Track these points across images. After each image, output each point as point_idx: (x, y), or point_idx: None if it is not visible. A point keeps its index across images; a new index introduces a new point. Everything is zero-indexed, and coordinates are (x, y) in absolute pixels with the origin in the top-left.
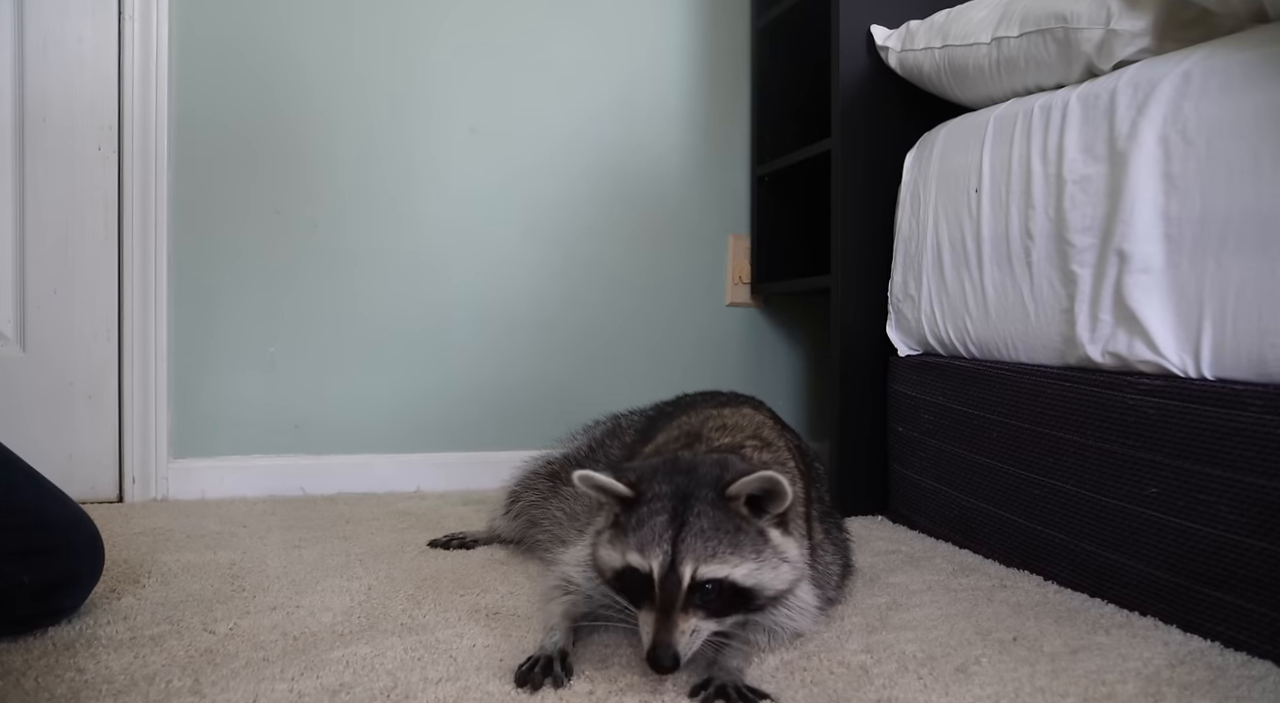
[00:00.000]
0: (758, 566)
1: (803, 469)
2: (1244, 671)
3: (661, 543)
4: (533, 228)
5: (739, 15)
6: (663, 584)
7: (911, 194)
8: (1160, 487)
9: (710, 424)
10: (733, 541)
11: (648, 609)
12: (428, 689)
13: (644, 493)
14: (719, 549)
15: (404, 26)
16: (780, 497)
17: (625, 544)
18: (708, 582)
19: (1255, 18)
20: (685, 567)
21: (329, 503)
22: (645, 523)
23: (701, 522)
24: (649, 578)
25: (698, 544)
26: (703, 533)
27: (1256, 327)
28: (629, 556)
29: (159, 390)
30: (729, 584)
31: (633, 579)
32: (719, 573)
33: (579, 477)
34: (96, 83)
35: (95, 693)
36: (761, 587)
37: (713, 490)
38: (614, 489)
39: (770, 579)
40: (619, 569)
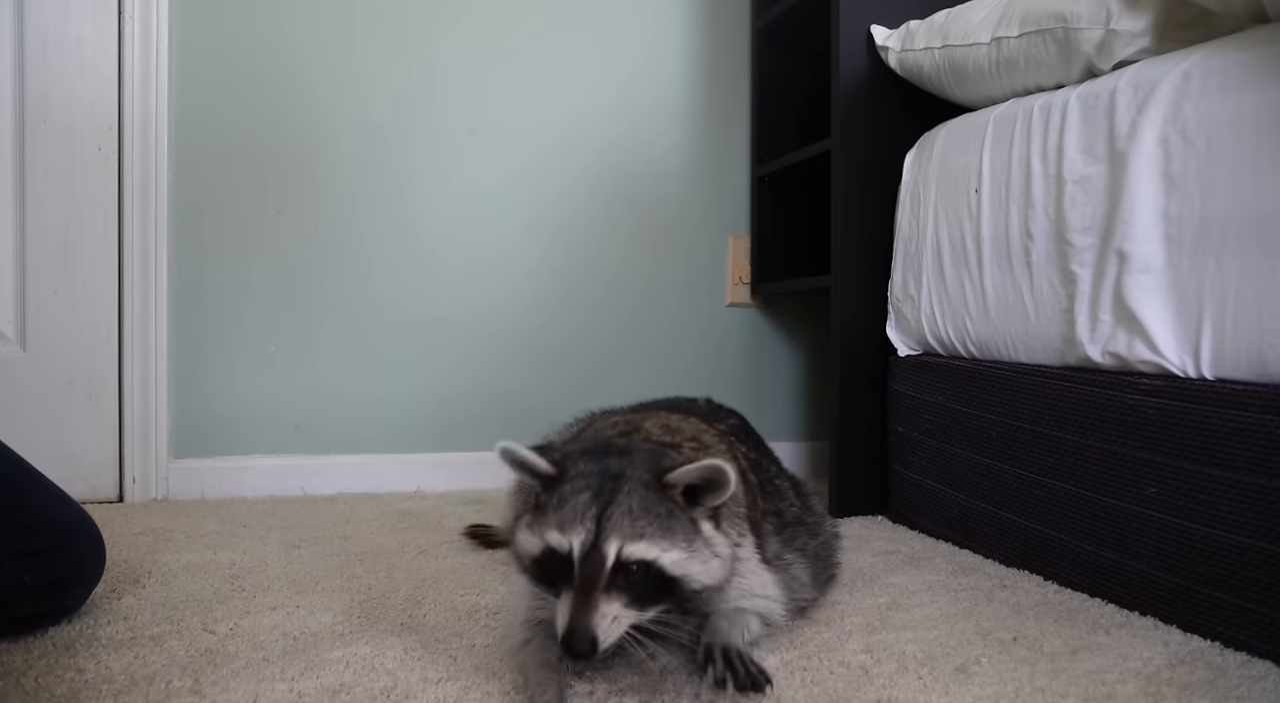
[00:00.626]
0: (688, 554)
1: (751, 482)
2: (1244, 671)
3: (584, 520)
4: (533, 228)
5: (739, 15)
6: (583, 563)
7: (911, 194)
8: (1160, 487)
9: (651, 422)
10: (664, 524)
11: (566, 591)
12: (428, 689)
13: (567, 471)
14: (648, 530)
15: (404, 27)
16: (722, 487)
17: (545, 524)
18: (633, 563)
19: (1255, 18)
20: (609, 544)
21: (329, 503)
22: (568, 501)
23: (631, 501)
24: (568, 558)
25: (625, 522)
26: (631, 512)
27: (1256, 327)
28: (548, 535)
29: (159, 390)
30: (656, 569)
31: (552, 562)
32: (647, 555)
33: (500, 449)
34: (96, 83)
35: (95, 693)
36: (689, 577)
37: (648, 472)
38: (534, 465)
39: (699, 571)
40: (537, 555)
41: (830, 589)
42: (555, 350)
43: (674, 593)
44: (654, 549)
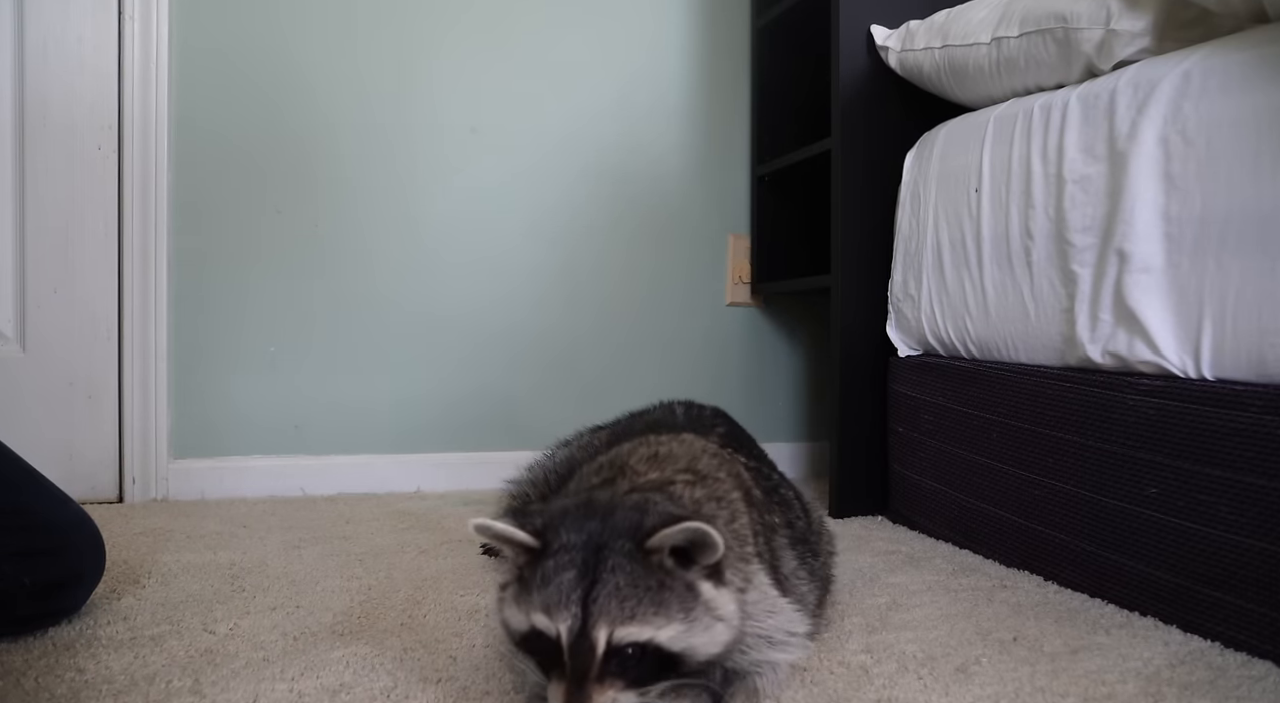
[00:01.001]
0: (686, 626)
1: (757, 498)
2: (1244, 671)
3: (570, 604)
4: (533, 228)
5: (739, 15)
6: (573, 651)
7: (911, 194)
8: (1160, 487)
9: (638, 455)
10: (655, 598)
11: (558, 680)
12: (427, 689)
13: (550, 543)
14: (638, 609)
15: (405, 27)
16: (710, 548)
17: (530, 603)
18: (628, 646)
19: (1255, 18)
20: (599, 630)
21: (329, 503)
22: (551, 579)
23: (617, 577)
24: (557, 644)
25: (612, 605)
26: (618, 591)
27: (1256, 327)
28: (534, 616)
29: (159, 390)
30: (653, 648)
31: (540, 644)
32: (640, 636)
33: (474, 526)
34: (96, 83)
35: (95, 693)
36: (692, 651)
37: (630, 541)
38: (515, 538)
39: (703, 642)
40: (525, 632)
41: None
42: (555, 350)
43: (677, 669)
44: (648, 629)
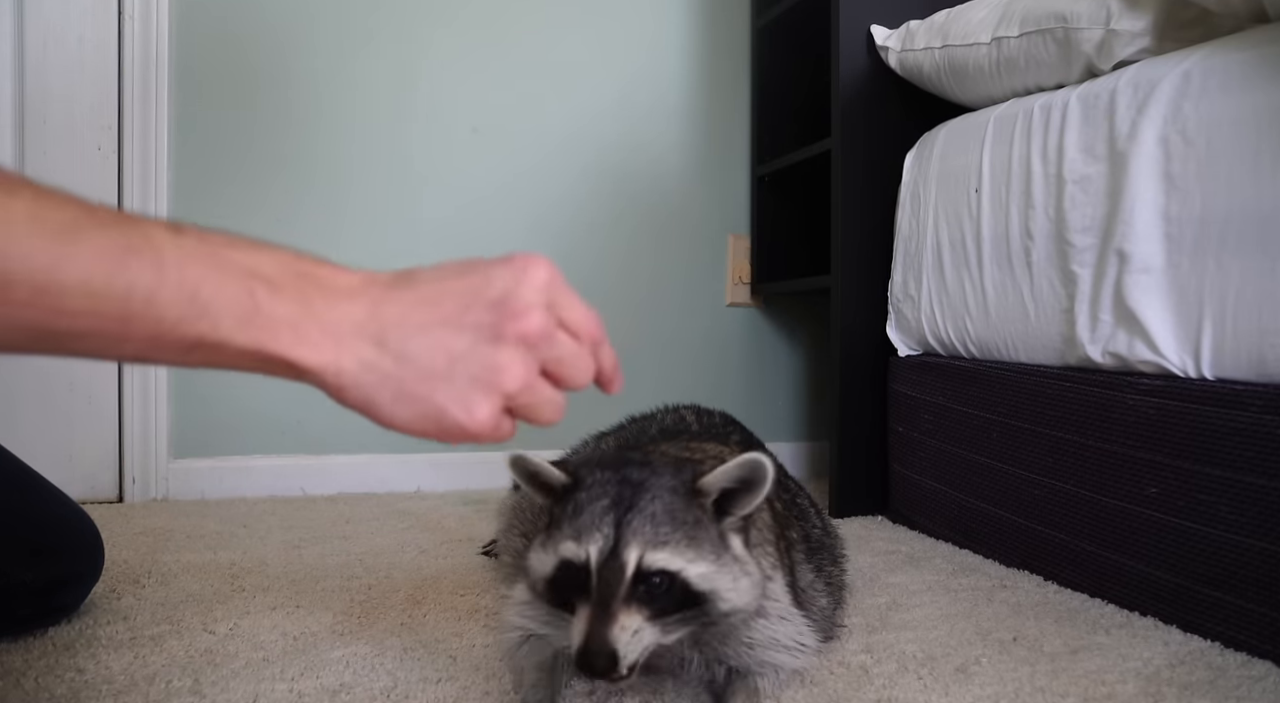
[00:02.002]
0: (716, 568)
1: (778, 510)
2: (1244, 671)
3: (602, 526)
4: (533, 227)
5: (739, 14)
6: (601, 571)
7: (911, 194)
8: (1160, 487)
9: (668, 447)
10: (690, 533)
11: (582, 604)
12: (427, 689)
13: (584, 479)
14: (672, 537)
15: (406, 28)
16: (758, 485)
17: (559, 537)
18: (656, 574)
19: (1255, 18)
20: (630, 551)
21: (329, 503)
22: (584, 508)
23: (654, 506)
24: (585, 568)
25: (646, 528)
26: (654, 518)
27: (1256, 327)
28: (562, 546)
29: (159, 390)
30: (680, 582)
31: (567, 577)
32: (671, 565)
33: (510, 458)
34: (96, 83)
35: (95, 693)
36: (717, 593)
37: (674, 478)
38: (547, 474)
39: (728, 589)
40: (550, 573)
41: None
42: None
43: (701, 611)
44: (678, 559)
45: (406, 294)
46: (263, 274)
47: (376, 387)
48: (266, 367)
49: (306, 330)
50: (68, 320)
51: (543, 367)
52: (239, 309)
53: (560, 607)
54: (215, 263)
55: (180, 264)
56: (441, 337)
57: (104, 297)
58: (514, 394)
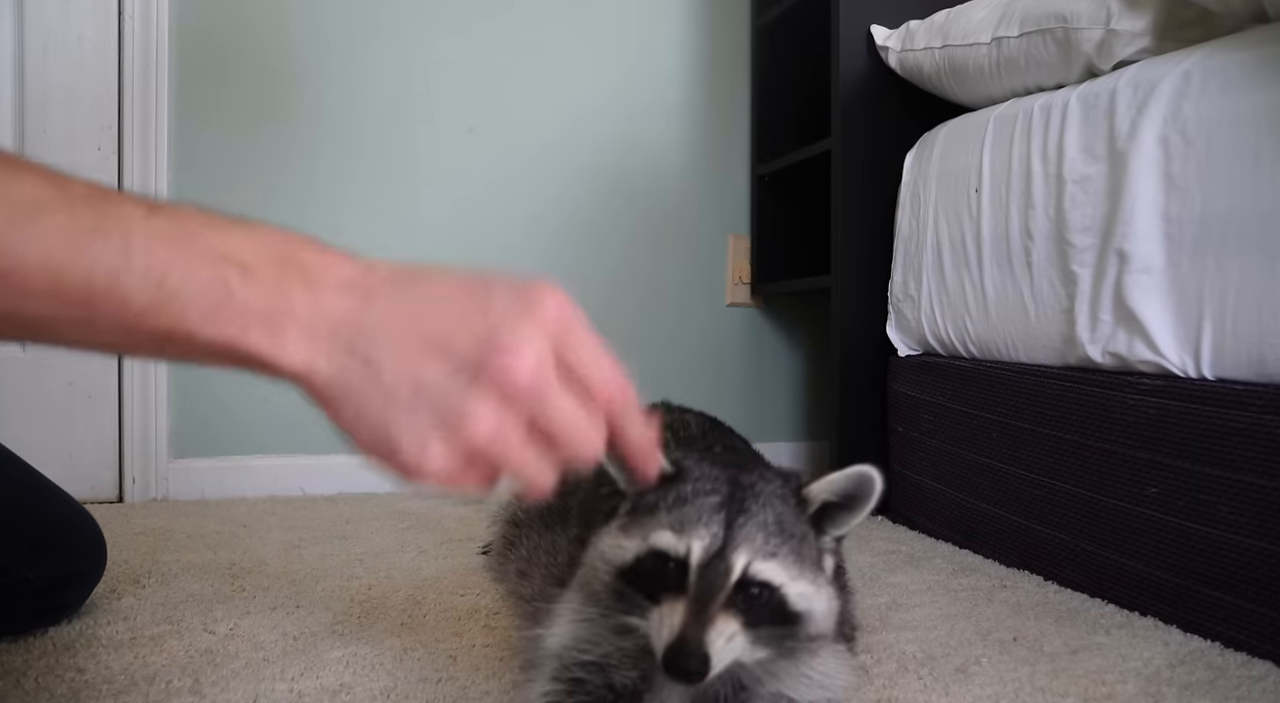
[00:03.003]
0: (814, 589)
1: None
2: (1244, 671)
3: (710, 524)
4: (532, 228)
5: (739, 14)
6: (703, 571)
7: (911, 194)
8: (1160, 487)
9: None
10: (796, 548)
11: (673, 601)
12: (427, 689)
13: (689, 471)
14: (780, 550)
15: (404, 27)
16: (864, 502)
17: (652, 524)
18: (759, 585)
19: (1255, 18)
20: (739, 556)
21: (329, 503)
22: (690, 501)
23: (767, 513)
24: (683, 563)
25: (758, 535)
26: (765, 526)
27: (1256, 327)
28: (655, 536)
29: (159, 390)
30: (780, 598)
31: (654, 569)
32: (775, 578)
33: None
34: (97, 83)
35: (95, 693)
36: (811, 616)
37: (783, 487)
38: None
39: (822, 612)
40: (631, 561)
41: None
42: None
43: (789, 632)
44: (783, 574)
45: (399, 296)
46: (239, 259)
47: (344, 398)
48: (241, 363)
49: (280, 325)
50: (33, 303)
51: (534, 423)
52: (208, 298)
53: (626, 600)
54: (187, 246)
55: (148, 246)
56: (414, 359)
57: (66, 279)
58: (480, 447)
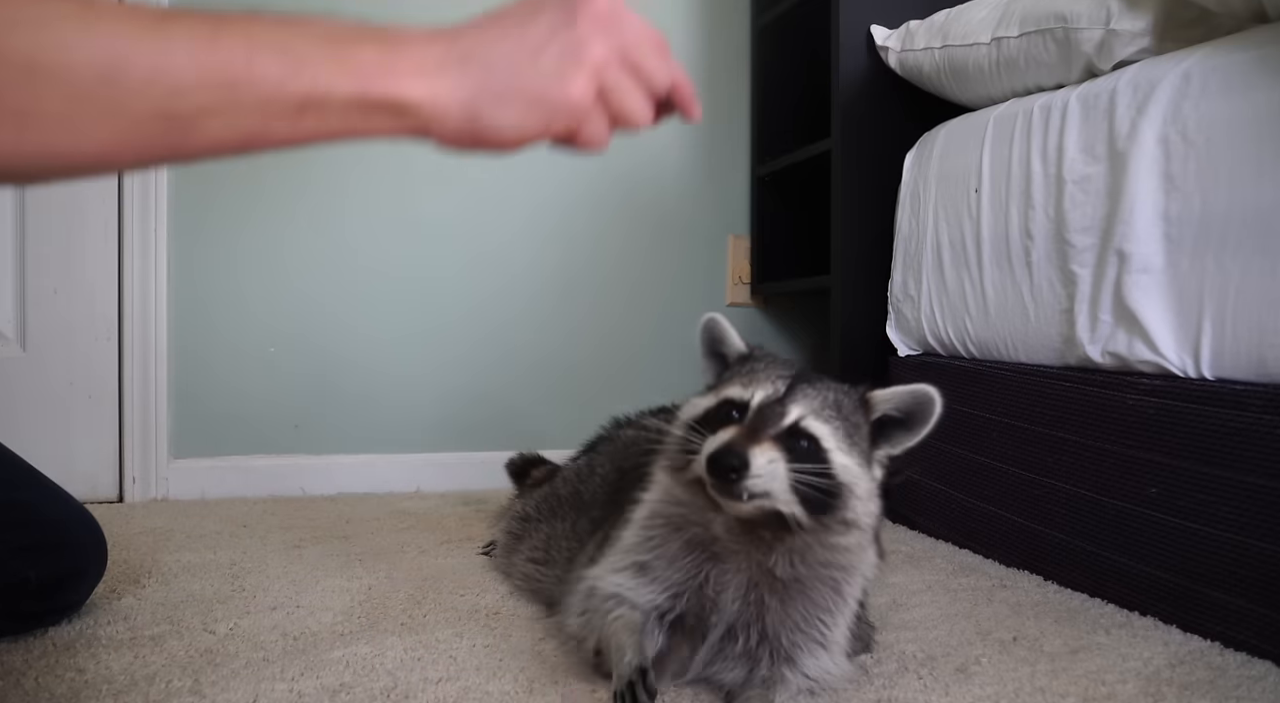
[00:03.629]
0: (859, 472)
1: None
2: (1244, 671)
3: (774, 382)
4: (531, 228)
5: (739, 14)
6: (760, 410)
7: (911, 194)
8: (1160, 487)
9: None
10: (849, 431)
11: (727, 428)
12: (428, 689)
13: (764, 355)
14: (833, 421)
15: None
16: (921, 422)
17: (725, 387)
18: (808, 436)
19: (1255, 18)
20: (795, 405)
21: (329, 503)
22: (760, 371)
23: (827, 393)
24: (745, 406)
25: (815, 400)
26: (824, 400)
27: (1256, 327)
28: (728, 389)
29: (159, 390)
30: (825, 457)
31: (722, 413)
32: (825, 439)
33: (706, 319)
34: None
35: (95, 693)
36: (851, 492)
37: (849, 387)
38: (730, 341)
39: (860, 497)
40: (701, 414)
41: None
42: (554, 351)
43: (825, 501)
44: (832, 440)
45: (473, 24)
46: (340, 32)
47: (473, 101)
48: (372, 118)
49: (399, 67)
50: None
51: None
52: (333, 60)
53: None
54: (296, 28)
55: (267, 30)
56: (519, 37)
57: (208, 65)
58: (600, 67)
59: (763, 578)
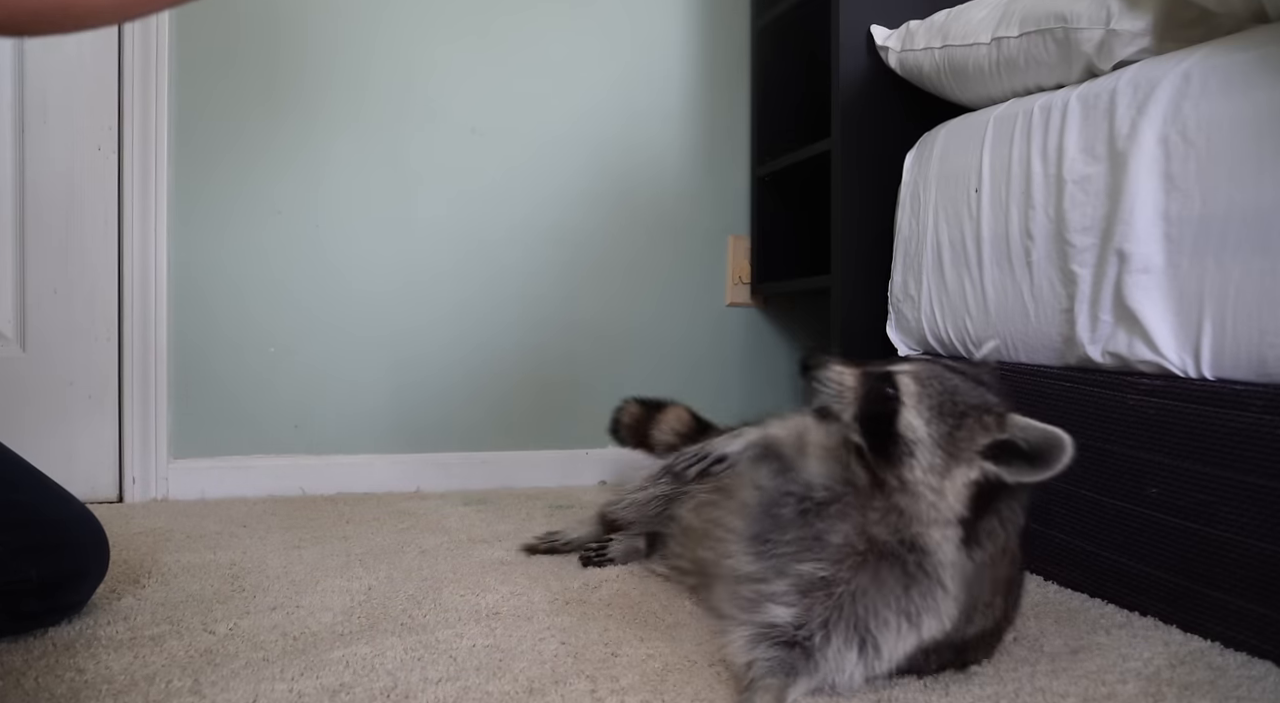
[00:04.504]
0: (929, 441)
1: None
2: (1244, 671)
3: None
4: (531, 228)
5: (739, 14)
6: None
7: (911, 194)
8: (1160, 487)
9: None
10: (946, 415)
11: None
12: (428, 689)
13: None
14: (934, 397)
15: (406, 28)
16: (1043, 465)
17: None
18: (894, 385)
19: (1255, 18)
20: (905, 367)
21: (329, 503)
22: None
23: (949, 383)
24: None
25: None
26: (941, 384)
27: (1256, 327)
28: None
29: (159, 390)
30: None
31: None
32: (906, 392)
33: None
34: (97, 83)
35: (95, 693)
36: (907, 447)
37: (994, 399)
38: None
39: (920, 461)
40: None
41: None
42: (554, 351)
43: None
44: (912, 399)
45: None
46: None
47: None
48: None
49: None
50: None
51: None
52: None
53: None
54: None
55: None
56: None
57: None
58: None
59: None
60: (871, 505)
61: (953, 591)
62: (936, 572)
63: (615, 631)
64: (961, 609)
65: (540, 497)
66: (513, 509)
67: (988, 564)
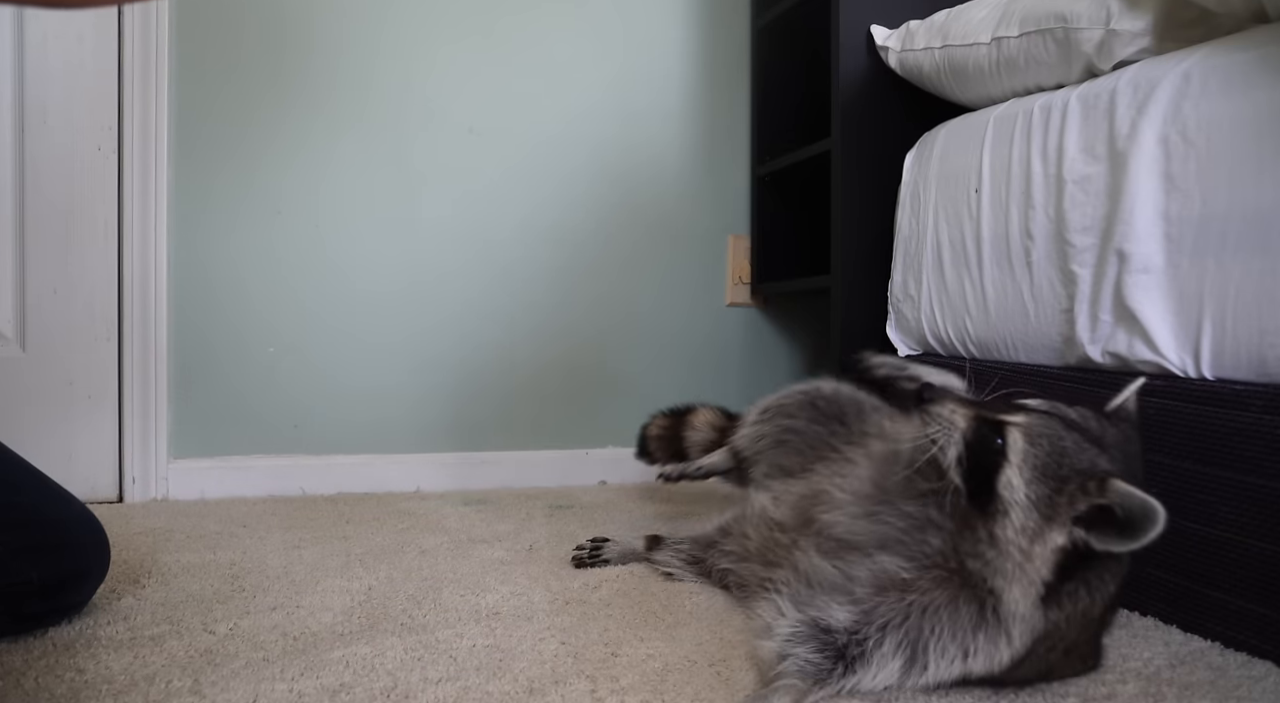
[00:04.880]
0: (1025, 502)
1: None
2: (1244, 671)
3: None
4: (531, 228)
5: (739, 14)
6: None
7: (911, 194)
8: (1161, 487)
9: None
10: (1050, 476)
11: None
12: (428, 689)
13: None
14: (1041, 455)
15: (406, 28)
16: (1135, 532)
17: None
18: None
19: (1255, 18)
20: (1017, 418)
21: (329, 503)
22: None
23: (1060, 438)
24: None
25: (1043, 431)
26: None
27: (1256, 327)
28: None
29: (159, 390)
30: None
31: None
32: (1013, 448)
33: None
34: (97, 83)
35: (95, 693)
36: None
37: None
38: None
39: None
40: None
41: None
42: (554, 351)
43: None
44: (1018, 456)
45: None
46: None
47: None
48: None
49: None
50: None
51: None
52: None
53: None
54: None
55: None
56: None
57: None
58: None
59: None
60: (966, 536)
61: (1017, 644)
62: (1007, 623)
63: (615, 631)
64: (1015, 659)
65: (540, 497)
66: (513, 509)
67: (1062, 625)
